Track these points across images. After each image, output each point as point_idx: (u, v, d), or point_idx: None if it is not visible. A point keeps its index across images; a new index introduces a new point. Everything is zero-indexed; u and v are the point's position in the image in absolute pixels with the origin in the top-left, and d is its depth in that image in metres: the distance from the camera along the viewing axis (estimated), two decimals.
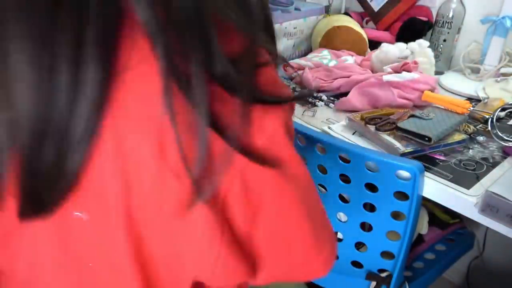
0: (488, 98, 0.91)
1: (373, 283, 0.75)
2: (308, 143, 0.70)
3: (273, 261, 0.38)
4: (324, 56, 1.09)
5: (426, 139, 0.70)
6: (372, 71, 1.02)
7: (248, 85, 0.31)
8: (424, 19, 1.20)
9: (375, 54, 1.03)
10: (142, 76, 0.29)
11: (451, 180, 0.63)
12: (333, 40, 1.18)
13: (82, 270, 0.37)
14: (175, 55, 0.28)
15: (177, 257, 0.35)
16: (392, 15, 1.25)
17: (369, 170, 0.64)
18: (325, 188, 0.73)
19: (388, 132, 0.74)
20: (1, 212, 0.31)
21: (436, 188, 0.63)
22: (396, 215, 0.66)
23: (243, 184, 0.32)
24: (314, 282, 0.88)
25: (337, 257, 0.78)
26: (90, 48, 0.27)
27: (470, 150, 0.72)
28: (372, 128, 0.76)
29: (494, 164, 0.68)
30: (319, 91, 0.99)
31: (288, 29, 1.21)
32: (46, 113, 0.27)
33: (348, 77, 0.96)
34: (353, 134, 0.79)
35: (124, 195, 0.31)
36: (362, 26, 1.29)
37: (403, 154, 0.68)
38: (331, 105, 0.93)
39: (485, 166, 0.67)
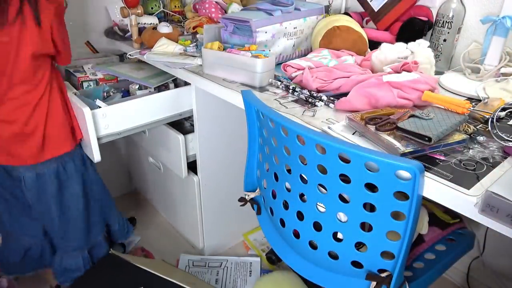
0: (488, 98, 0.91)
1: (373, 283, 0.75)
2: (308, 143, 0.70)
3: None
4: (324, 56, 1.09)
5: (426, 139, 0.70)
6: (372, 71, 1.02)
7: None
8: (424, 19, 1.20)
9: (375, 54, 1.03)
10: None
11: (451, 180, 0.63)
12: (333, 40, 1.18)
13: None
14: None
15: None
16: (392, 15, 1.25)
17: (369, 170, 0.64)
18: (325, 188, 0.73)
19: (388, 132, 0.74)
20: None
21: (436, 188, 0.63)
22: (396, 215, 0.66)
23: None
24: (313, 282, 0.88)
25: (337, 257, 0.78)
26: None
27: (470, 150, 0.72)
28: (372, 128, 0.76)
29: (494, 164, 0.68)
30: (319, 91, 0.99)
31: (288, 29, 1.21)
32: None
33: (348, 77, 0.96)
34: (353, 134, 0.79)
35: None
36: (362, 26, 1.29)
37: (403, 154, 0.68)
38: (331, 105, 0.93)
39: (485, 166, 0.67)
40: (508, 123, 0.83)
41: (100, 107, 1.19)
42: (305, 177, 0.76)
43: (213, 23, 1.51)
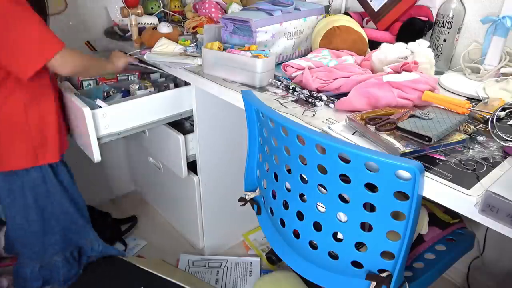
0: (488, 98, 0.91)
1: (373, 283, 0.75)
2: (308, 143, 0.70)
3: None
4: (324, 56, 1.09)
5: (426, 139, 0.70)
6: (372, 71, 1.02)
7: None
8: (424, 19, 1.20)
9: (375, 54, 1.03)
10: None
11: (451, 180, 0.63)
12: (333, 40, 1.18)
13: None
14: None
15: None
16: (392, 15, 1.25)
17: (369, 170, 0.64)
18: (325, 188, 0.73)
19: (388, 132, 0.74)
20: None
21: (436, 188, 0.63)
22: (396, 215, 0.66)
23: None
24: (313, 282, 0.88)
25: (337, 257, 0.78)
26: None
27: (470, 150, 0.72)
28: (372, 128, 0.76)
29: (494, 164, 0.68)
30: (319, 91, 0.99)
31: (288, 29, 1.21)
32: None
33: (348, 77, 0.96)
34: (353, 134, 0.79)
35: None
36: (362, 26, 1.29)
37: (403, 154, 0.68)
38: (331, 105, 0.93)
39: (485, 166, 0.67)
40: (508, 123, 0.83)
41: (100, 107, 1.19)
42: (305, 177, 0.76)
43: (213, 23, 1.51)
